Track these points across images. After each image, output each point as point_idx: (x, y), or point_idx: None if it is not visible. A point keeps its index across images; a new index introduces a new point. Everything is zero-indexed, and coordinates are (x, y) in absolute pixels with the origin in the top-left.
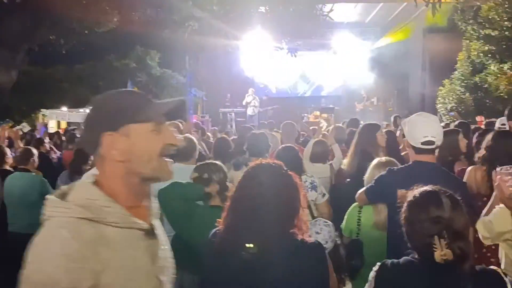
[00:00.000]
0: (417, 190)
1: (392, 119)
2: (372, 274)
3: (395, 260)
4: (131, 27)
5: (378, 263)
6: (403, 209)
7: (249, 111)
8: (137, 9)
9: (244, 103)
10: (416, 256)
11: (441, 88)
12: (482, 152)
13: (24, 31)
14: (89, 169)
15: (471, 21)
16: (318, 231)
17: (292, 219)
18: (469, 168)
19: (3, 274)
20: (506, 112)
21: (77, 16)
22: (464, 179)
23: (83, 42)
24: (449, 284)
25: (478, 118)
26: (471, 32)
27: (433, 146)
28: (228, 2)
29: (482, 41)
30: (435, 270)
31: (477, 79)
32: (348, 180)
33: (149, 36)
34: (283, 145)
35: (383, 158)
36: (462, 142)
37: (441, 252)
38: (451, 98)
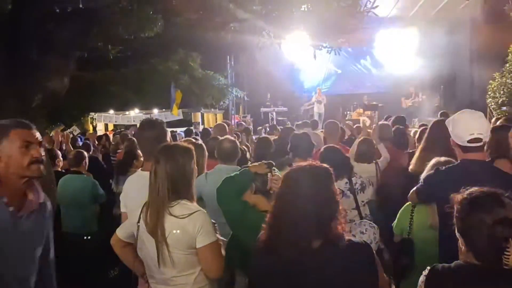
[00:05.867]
0: (470, 192)
1: (438, 115)
2: (421, 278)
3: (446, 265)
4: (174, 31)
5: (428, 267)
6: (458, 212)
7: (316, 109)
8: (180, 13)
9: (312, 100)
10: (475, 261)
11: (491, 81)
12: None
13: (74, 38)
14: (135, 170)
15: None
16: (363, 231)
17: (335, 221)
18: None
19: (58, 272)
20: None
21: (123, 22)
22: None
23: (128, 47)
24: None
25: None
26: None
27: (481, 144)
28: (270, 2)
29: None
30: (502, 276)
31: None
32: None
33: (191, 38)
34: (326, 146)
35: (442, 158)
36: None
37: None
38: (502, 92)
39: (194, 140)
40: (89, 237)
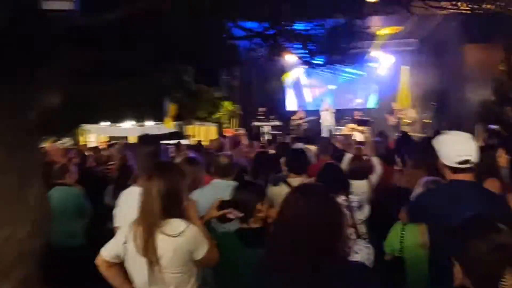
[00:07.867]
0: (465, 218)
1: (432, 133)
2: None
3: None
4: (169, 45)
5: None
6: (453, 239)
7: (330, 118)
8: (175, 30)
9: (321, 109)
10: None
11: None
12: None
13: (72, 56)
14: (131, 184)
15: None
16: (357, 251)
17: (336, 243)
18: None
19: (47, 285)
20: None
21: (119, 38)
22: None
23: (122, 60)
24: None
25: None
26: None
27: (470, 165)
28: (266, 21)
29: None
30: None
31: None
32: None
33: (186, 52)
34: (326, 163)
35: (430, 178)
36: (502, 158)
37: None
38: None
39: (191, 157)
40: (75, 250)
